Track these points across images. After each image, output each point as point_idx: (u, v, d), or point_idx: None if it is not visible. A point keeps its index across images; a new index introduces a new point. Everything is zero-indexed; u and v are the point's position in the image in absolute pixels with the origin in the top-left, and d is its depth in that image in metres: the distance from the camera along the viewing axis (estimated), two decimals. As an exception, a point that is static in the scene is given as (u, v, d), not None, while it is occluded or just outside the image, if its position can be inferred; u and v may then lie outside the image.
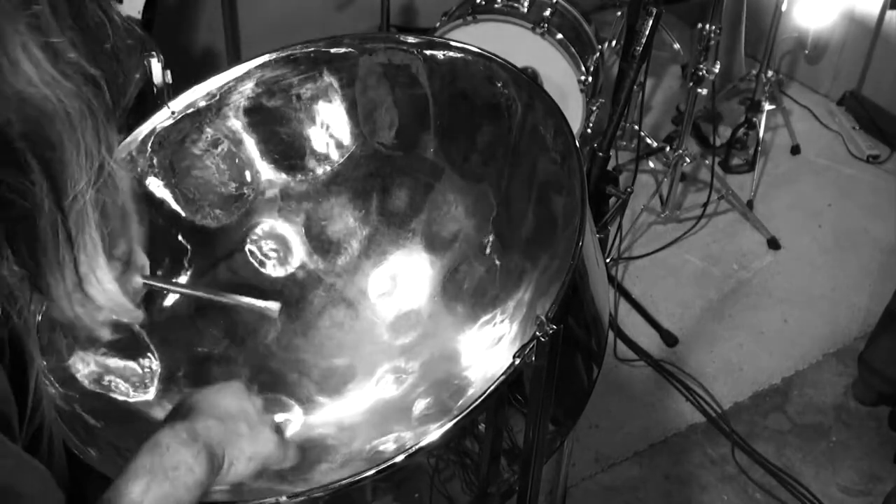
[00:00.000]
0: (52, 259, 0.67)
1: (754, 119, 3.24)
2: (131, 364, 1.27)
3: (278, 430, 1.00)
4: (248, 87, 1.40)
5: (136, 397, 1.24)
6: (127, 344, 1.25)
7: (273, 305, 1.18)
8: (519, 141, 1.36)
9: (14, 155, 0.62)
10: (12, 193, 0.63)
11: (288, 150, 1.45)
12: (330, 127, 1.46)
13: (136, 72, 0.73)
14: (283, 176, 1.45)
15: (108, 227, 0.71)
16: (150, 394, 1.27)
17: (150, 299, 1.32)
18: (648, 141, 3.22)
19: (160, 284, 1.19)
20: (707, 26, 2.78)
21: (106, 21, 0.67)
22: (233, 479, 0.94)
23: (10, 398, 0.68)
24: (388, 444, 1.22)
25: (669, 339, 2.65)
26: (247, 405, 0.98)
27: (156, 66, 1.77)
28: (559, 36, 2.76)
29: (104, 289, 0.72)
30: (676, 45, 3.48)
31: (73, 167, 0.65)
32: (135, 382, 1.26)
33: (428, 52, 1.39)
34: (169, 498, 0.84)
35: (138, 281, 1.03)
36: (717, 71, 2.78)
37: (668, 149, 3.07)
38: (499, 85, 1.35)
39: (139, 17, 2.25)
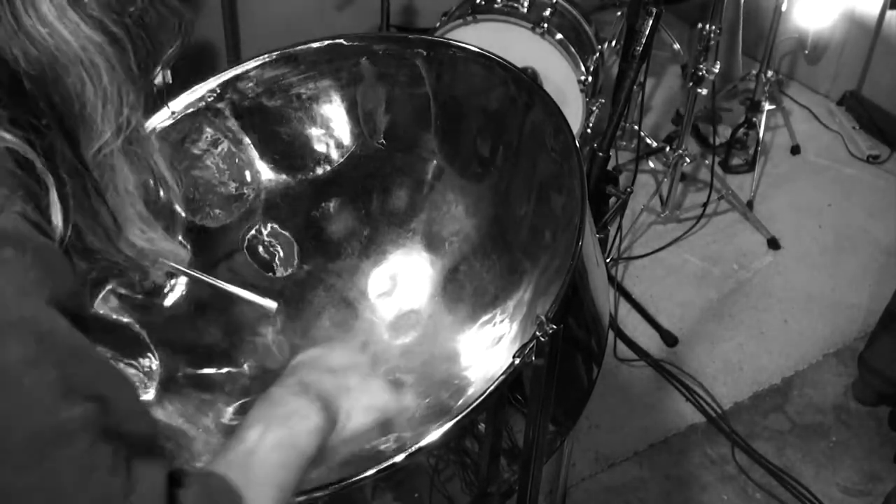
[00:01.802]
0: (85, 210, 0.67)
1: (754, 119, 3.24)
2: (132, 364, 1.27)
3: (393, 380, 1.00)
4: (248, 87, 1.40)
5: (136, 397, 1.24)
6: (127, 344, 1.26)
7: (270, 303, 1.19)
8: (519, 141, 1.36)
9: (25, 96, 0.62)
10: (30, 134, 0.63)
11: (288, 150, 1.45)
12: (330, 127, 1.46)
13: (167, 45, 0.72)
14: (283, 176, 1.45)
15: (144, 183, 0.71)
16: (150, 394, 1.27)
17: (150, 299, 1.32)
18: (648, 141, 3.22)
19: (184, 269, 1.20)
20: (707, 26, 2.77)
21: None
22: (354, 431, 0.94)
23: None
24: (388, 444, 1.22)
25: (669, 339, 2.65)
26: (357, 358, 0.98)
27: (156, 66, 1.77)
28: (559, 36, 2.76)
29: (148, 237, 0.72)
30: (676, 45, 3.48)
31: (91, 118, 0.64)
32: (135, 382, 1.26)
33: (428, 52, 1.39)
34: (285, 442, 0.84)
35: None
36: (717, 71, 2.78)
37: (668, 149, 3.07)
38: (498, 85, 1.35)
39: None
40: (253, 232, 1.43)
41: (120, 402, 0.66)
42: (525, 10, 2.79)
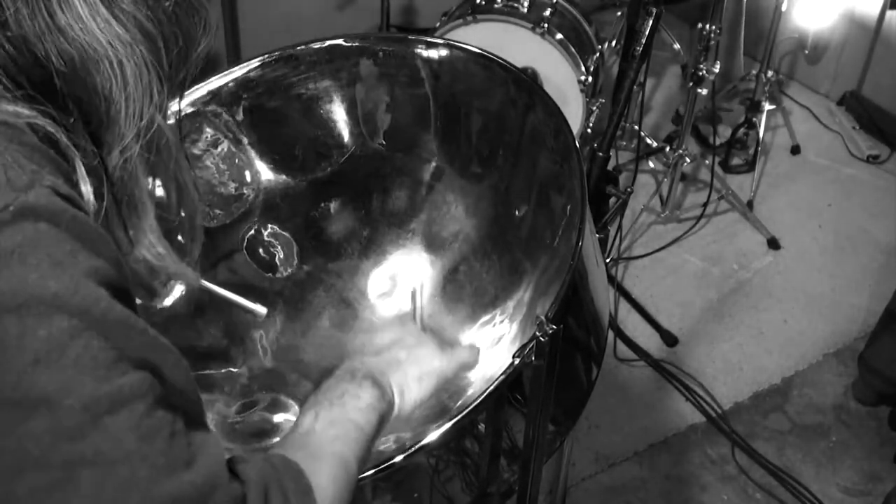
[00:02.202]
0: (98, 219, 0.66)
1: (754, 119, 3.24)
2: None
3: (442, 342, 1.02)
4: (249, 87, 1.40)
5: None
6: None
7: (260, 309, 1.19)
8: (519, 141, 1.36)
9: (54, 93, 0.62)
10: (58, 131, 0.63)
11: (288, 150, 1.45)
12: (330, 127, 1.46)
13: (198, 45, 0.71)
14: (283, 176, 1.45)
15: (164, 192, 0.71)
16: None
17: (150, 299, 1.32)
18: (648, 141, 3.22)
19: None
20: (707, 26, 2.77)
21: None
22: (413, 401, 0.96)
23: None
24: (387, 444, 1.22)
25: (669, 339, 2.65)
26: (400, 333, 1.01)
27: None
28: (559, 36, 2.76)
29: (157, 252, 0.72)
30: (676, 45, 3.48)
31: (115, 118, 0.64)
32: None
33: (428, 53, 1.39)
34: (340, 420, 0.87)
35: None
36: (717, 71, 2.78)
37: (668, 149, 3.07)
38: (498, 85, 1.35)
39: None
40: (252, 232, 1.43)
41: (171, 373, 0.66)
42: (525, 10, 2.79)
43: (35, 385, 0.58)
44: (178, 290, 1.35)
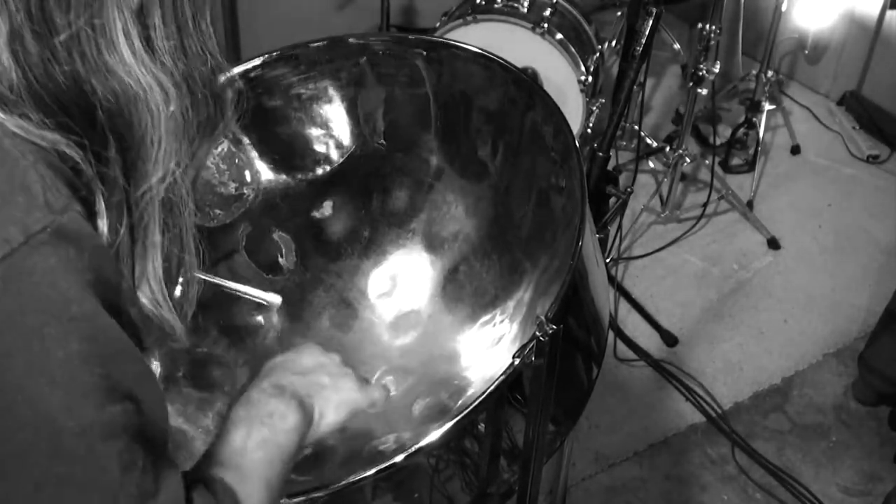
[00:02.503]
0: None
1: (754, 119, 3.24)
2: None
3: (359, 377, 1.03)
4: (248, 87, 1.40)
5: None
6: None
7: (274, 298, 1.20)
8: (519, 141, 1.36)
9: (96, 124, 0.66)
10: (96, 164, 0.66)
11: (288, 150, 1.45)
12: (330, 127, 1.46)
13: (226, 119, 0.76)
14: (283, 176, 1.45)
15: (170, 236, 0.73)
16: None
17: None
18: (648, 141, 3.22)
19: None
20: (707, 26, 2.77)
21: (207, 55, 0.70)
22: (327, 427, 0.98)
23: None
24: (387, 444, 1.22)
25: (669, 339, 2.65)
26: (324, 359, 1.02)
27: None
28: (559, 36, 2.76)
29: (155, 299, 0.74)
30: (676, 45, 3.48)
31: (148, 158, 0.68)
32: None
33: (428, 52, 1.39)
34: (269, 442, 0.88)
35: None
36: (717, 71, 2.78)
37: (668, 149, 3.07)
38: (499, 85, 1.35)
39: None
40: (252, 232, 1.43)
41: (150, 405, 0.69)
42: (525, 10, 2.79)
43: (46, 404, 0.62)
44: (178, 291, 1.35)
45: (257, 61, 1.39)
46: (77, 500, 0.65)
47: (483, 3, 2.82)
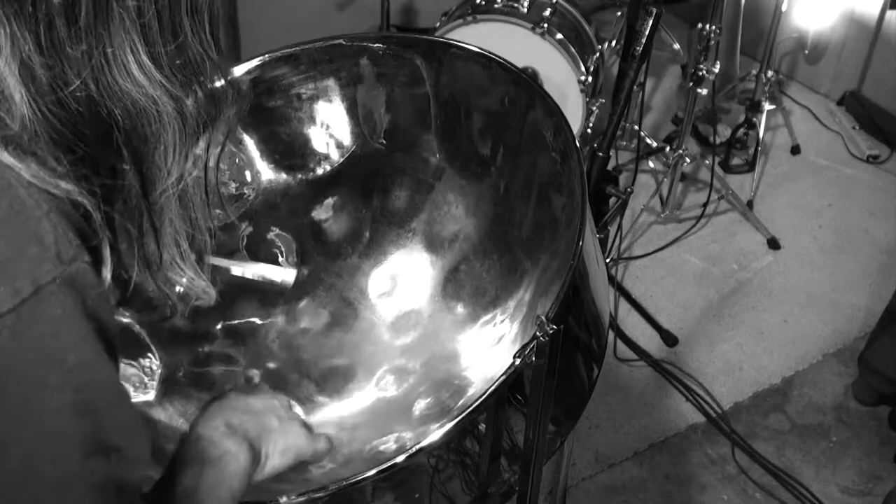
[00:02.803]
0: (134, 245, 0.72)
1: (754, 119, 3.24)
2: (132, 364, 1.27)
3: (306, 425, 1.04)
4: (249, 87, 1.40)
5: (136, 398, 1.24)
6: (127, 344, 1.25)
7: (288, 276, 1.20)
8: (519, 141, 1.36)
9: (112, 141, 0.67)
10: (111, 177, 0.68)
11: (288, 150, 1.45)
12: (330, 127, 1.46)
13: (227, 123, 0.79)
14: (283, 176, 1.45)
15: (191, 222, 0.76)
16: (151, 394, 1.26)
17: (150, 299, 1.32)
18: (648, 141, 3.22)
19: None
20: (707, 26, 2.78)
21: (206, 60, 0.72)
22: (270, 472, 0.98)
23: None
24: (388, 444, 1.22)
25: (669, 339, 2.65)
26: (272, 402, 1.03)
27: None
28: (559, 36, 2.76)
29: (187, 275, 0.76)
30: (676, 45, 3.48)
31: (163, 163, 0.70)
32: (135, 383, 1.26)
33: (428, 52, 1.39)
34: (220, 482, 0.88)
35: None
36: (717, 71, 2.78)
37: (668, 149, 3.07)
38: (498, 85, 1.35)
39: None
40: (252, 232, 1.43)
41: (134, 452, 0.70)
42: (525, 10, 2.79)
43: (33, 455, 0.62)
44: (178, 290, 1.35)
45: (257, 61, 1.39)
46: None
47: (483, 3, 2.82)
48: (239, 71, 1.38)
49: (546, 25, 2.73)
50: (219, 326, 1.37)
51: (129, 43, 0.65)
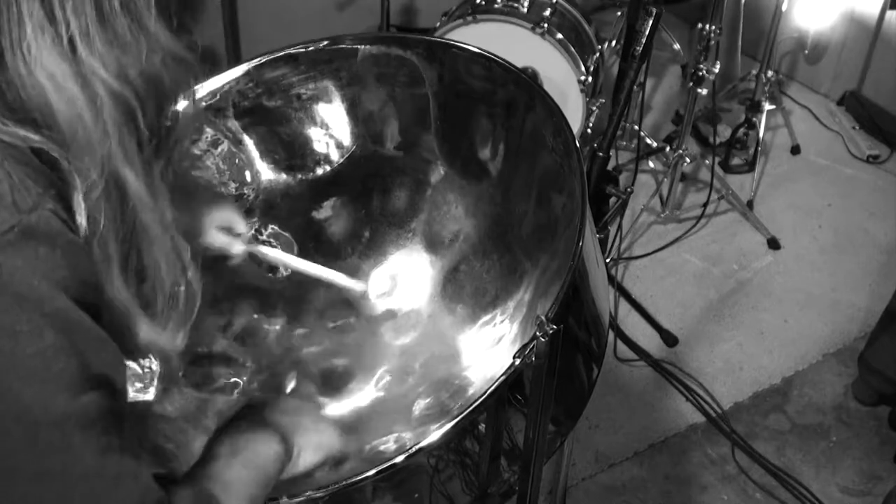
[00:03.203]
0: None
1: (754, 119, 3.24)
2: (132, 364, 1.26)
3: (335, 424, 1.08)
4: (248, 88, 1.40)
5: (136, 398, 1.24)
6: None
7: (360, 286, 1.32)
8: (519, 141, 1.36)
9: (39, 130, 0.65)
10: (62, 157, 0.66)
11: (288, 151, 1.45)
12: (330, 127, 1.46)
13: (173, 98, 0.72)
14: (283, 176, 1.45)
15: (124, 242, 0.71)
16: (151, 394, 1.26)
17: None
18: (648, 141, 3.22)
19: (270, 255, 1.34)
20: (707, 26, 2.77)
21: (142, 38, 0.68)
22: (302, 468, 1.00)
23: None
24: (387, 445, 1.22)
25: (669, 339, 2.65)
26: (306, 405, 1.09)
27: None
28: (559, 36, 2.76)
29: (121, 294, 0.72)
30: (676, 45, 3.48)
31: (82, 156, 0.67)
32: (135, 383, 1.26)
33: (428, 52, 1.39)
34: (254, 462, 0.91)
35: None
36: (717, 71, 2.78)
37: (668, 149, 3.07)
38: (499, 85, 1.35)
39: None
40: (252, 232, 1.43)
41: (121, 384, 0.70)
42: (525, 10, 2.79)
43: (20, 399, 0.62)
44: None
45: (257, 61, 1.39)
46: (58, 490, 0.66)
47: (483, 3, 2.82)
48: (239, 71, 1.39)
49: (546, 25, 2.73)
50: (218, 327, 1.37)
51: (39, 35, 0.63)
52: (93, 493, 0.66)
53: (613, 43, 3.16)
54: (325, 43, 1.41)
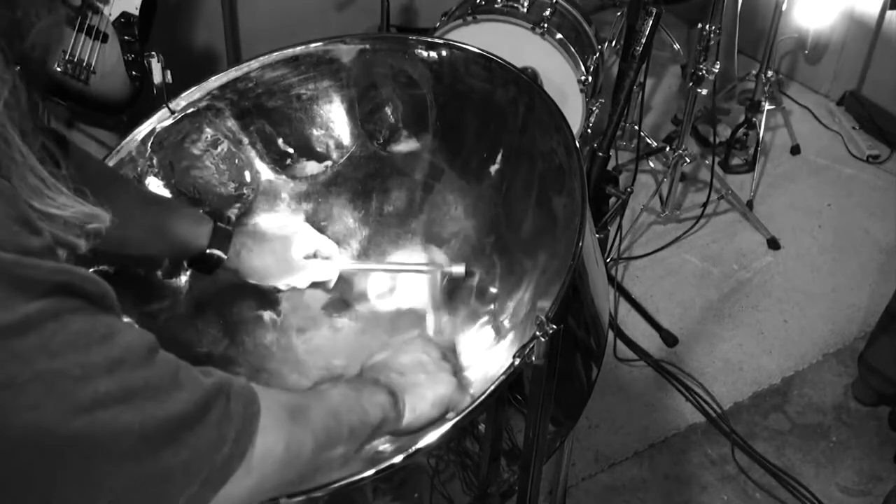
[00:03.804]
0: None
1: (754, 119, 3.24)
2: None
3: (457, 373, 1.11)
4: (248, 88, 1.40)
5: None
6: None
7: (458, 269, 1.35)
8: (519, 141, 1.36)
9: None
10: None
11: (287, 151, 1.45)
12: (330, 127, 1.46)
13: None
14: (283, 176, 1.45)
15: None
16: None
17: (150, 299, 1.32)
18: (648, 141, 3.22)
19: (357, 267, 1.40)
20: (707, 26, 2.77)
21: None
22: (420, 421, 1.05)
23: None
24: (387, 445, 1.22)
25: (669, 339, 2.65)
26: (423, 357, 1.09)
27: (156, 66, 1.78)
28: (559, 36, 2.76)
29: (59, 203, 0.71)
30: (676, 45, 3.48)
31: None
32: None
33: (428, 53, 1.39)
34: (351, 397, 0.96)
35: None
36: (716, 71, 2.78)
37: (667, 149, 3.07)
38: (498, 85, 1.35)
39: (136, 11, 2.26)
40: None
41: (84, 285, 0.67)
42: (525, 10, 2.79)
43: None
44: (184, 282, 1.35)
45: (257, 62, 1.39)
46: (40, 390, 0.63)
47: (483, 3, 2.82)
48: (239, 71, 1.39)
49: (546, 25, 2.73)
50: (218, 326, 1.37)
51: None
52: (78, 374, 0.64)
53: (613, 43, 3.16)
54: (325, 43, 1.41)
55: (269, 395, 0.83)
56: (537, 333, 0.98)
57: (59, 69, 2.17)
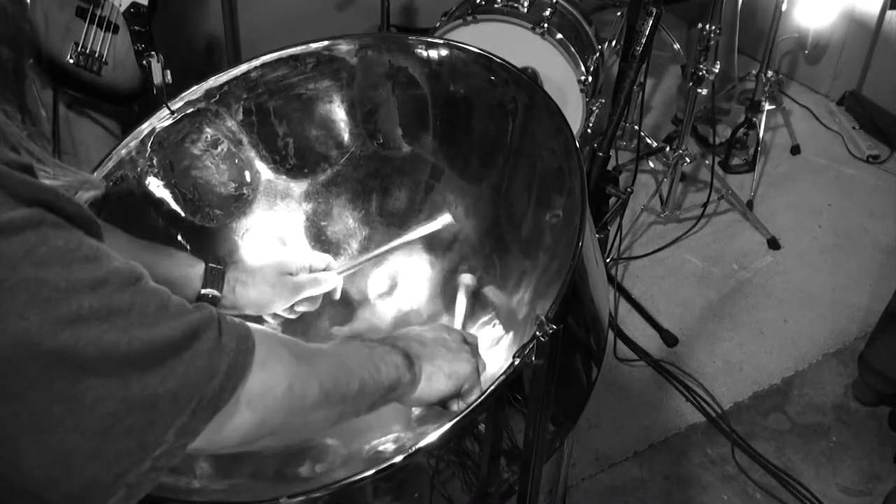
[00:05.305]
0: None
1: (754, 119, 3.24)
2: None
3: (476, 356, 1.12)
4: (248, 88, 1.40)
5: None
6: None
7: (446, 219, 1.35)
8: (519, 141, 1.36)
9: None
10: None
11: (287, 151, 1.45)
12: (330, 127, 1.46)
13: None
14: (283, 176, 1.45)
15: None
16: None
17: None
18: (648, 141, 3.22)
19: (353, 265, 1.37)
20: (707, 26, 2.78)
21: None
22: (433, 392, 1.05)
23: None
24: (387, 445, 1.22)
25: (669, 339, 2.65)
26: (445, 335, 1.10)
27: (155, 66, 1.77)
28: (559, 36, 2.76)
29: (53, 174, 0.72)
30: (676, 45, 3.48)
31: None
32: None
33: (428, 53, 1.39)
34: (363, 352, 0.97)
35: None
36: (716, 71, 2.78)
37: (668, 149, 3.07)
38: (499, 85, 1.35)
39: (146, 1, 2.27)
40: (252, 232, 1.43)
41: (63, 203, 0.67)
42: (525, 10, 2.79)
43: None
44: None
45: (257, 62, 1.39)
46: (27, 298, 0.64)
47: (483, 3, 2.82)
48: (239, 71, 1.39)
49: (546, 25, 2.73)
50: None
51: None
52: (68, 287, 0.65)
53: (613, 43, 3.16)
54: (326, 43, 1.40)
55: (269, 334, 0.84)
56: (537, 333, 0.98)
57: (71, 61, 2.18)
